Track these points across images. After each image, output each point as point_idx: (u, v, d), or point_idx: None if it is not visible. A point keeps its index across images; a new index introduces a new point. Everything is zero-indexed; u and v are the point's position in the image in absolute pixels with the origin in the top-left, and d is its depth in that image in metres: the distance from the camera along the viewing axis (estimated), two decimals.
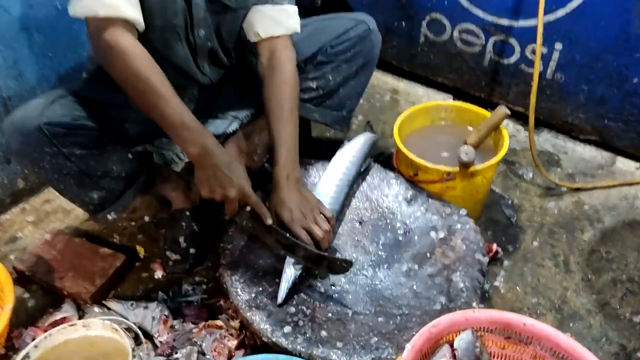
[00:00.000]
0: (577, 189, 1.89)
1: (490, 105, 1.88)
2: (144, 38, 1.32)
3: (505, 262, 1.67)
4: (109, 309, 1.52)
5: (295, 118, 1.47)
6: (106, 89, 1.43)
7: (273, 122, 1.45)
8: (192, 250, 1.65)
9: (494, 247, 1.66)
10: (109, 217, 1.53)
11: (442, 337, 1.18)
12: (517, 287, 1.61)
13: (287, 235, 1.38)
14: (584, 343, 1.21)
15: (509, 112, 1.66)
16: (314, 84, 1.68)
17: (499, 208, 1.84)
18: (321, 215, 1.43)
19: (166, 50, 1.43)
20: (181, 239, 1.66)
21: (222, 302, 1.55)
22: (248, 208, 1.37)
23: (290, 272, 1.39)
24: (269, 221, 1.37)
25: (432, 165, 1.59)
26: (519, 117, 2.15)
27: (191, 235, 1.67)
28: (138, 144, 1.61)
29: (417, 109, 1.81)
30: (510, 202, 1.86)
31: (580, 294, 1.59)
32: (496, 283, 1.61)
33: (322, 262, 1.39)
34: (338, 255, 1.50)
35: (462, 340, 1.15)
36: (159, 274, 1.66)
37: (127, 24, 1.26)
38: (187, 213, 1.70)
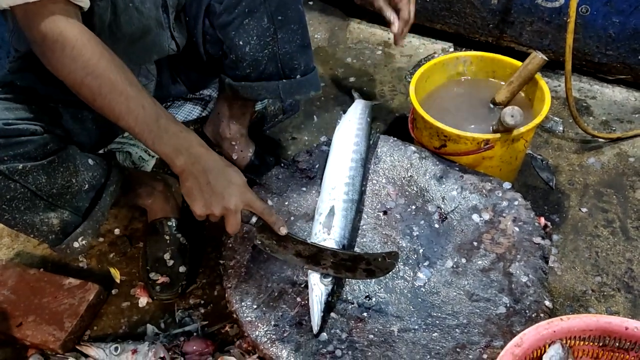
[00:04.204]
0: (617, 139, 1.64)
1: (498, 51, 1.60)
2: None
3: (555, 237, 1.43)
4: (86, 356, 1.23)
5: None
6: (48, 76, 1.05)
7: None
8: (182, 269, 1.35)
9: (542, 220, 1.39)
10: (77, 244, 1.18)
11: (527, 356, 0.96)
12: (575, 266, 1.37)
13: (308, 241, 1.13)
14: None
15: (546, 59, 1.38)
16: (233, 55, 1.29)
17: (533, 171, 1.58)
18: None
19: (122, 18, 1.08)
20: (167, 256, 1.35)
21: (227, 328, 1.29)
22: (254, 219, 1.07)
23: (319, 289, 1.11)
24: (283, 230, 1.07)
25: (468, 133, 1.30)
26: None
27: (178, 249, 1.36)
28: (99, 146, 1.26)
29: (431, 65, 1.51)
30: (544, 162, 1.60)
31: None
32: (550, 263, 1.36)
33: (359, 265, 1.12)
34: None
35: (552, 358, 0.97)
36: (143, 301, 1.36)
37: (69, 4, 0.94)
38: (170, 223, 1.37)
